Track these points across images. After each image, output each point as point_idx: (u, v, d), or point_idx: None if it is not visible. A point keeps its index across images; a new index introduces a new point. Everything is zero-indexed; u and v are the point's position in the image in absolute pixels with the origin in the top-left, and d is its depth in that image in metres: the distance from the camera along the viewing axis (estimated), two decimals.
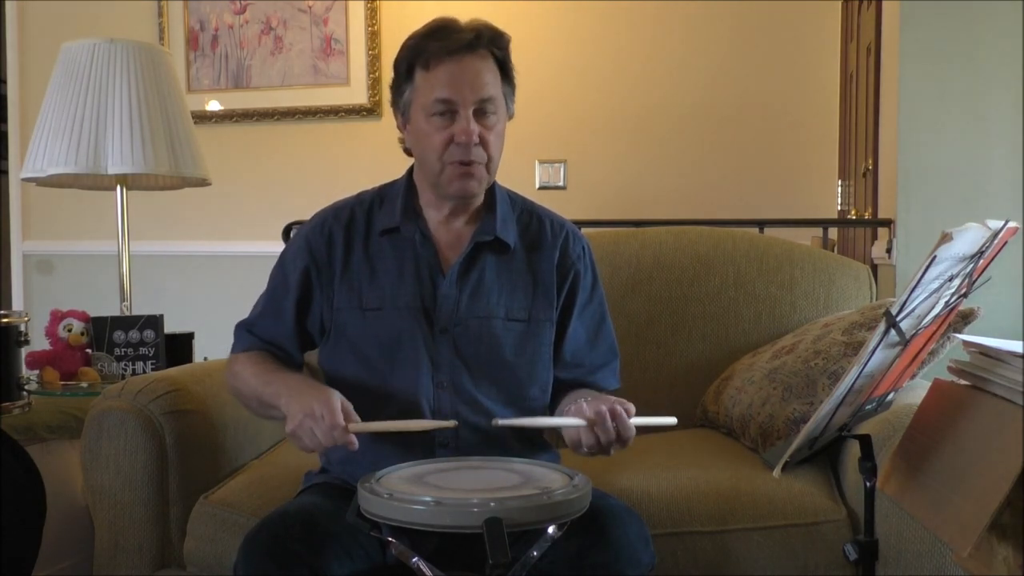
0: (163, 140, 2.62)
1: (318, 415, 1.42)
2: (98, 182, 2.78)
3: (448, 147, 1.58)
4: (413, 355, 1.61)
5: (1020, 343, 1.15)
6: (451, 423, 1.51)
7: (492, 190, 1.70)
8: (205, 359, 2.49)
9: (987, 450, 1.11)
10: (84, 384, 2.45)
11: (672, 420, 1.51)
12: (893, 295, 2.45)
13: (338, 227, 1.68)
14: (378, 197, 1.72)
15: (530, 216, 1.73)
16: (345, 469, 1.64)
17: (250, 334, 1.71)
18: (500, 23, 1.65)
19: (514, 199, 1.74)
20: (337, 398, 1.46)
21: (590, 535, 1.40)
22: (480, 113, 1.58)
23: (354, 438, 1.43)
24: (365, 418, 1.47)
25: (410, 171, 1.72)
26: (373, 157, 3.76)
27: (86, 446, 1.88)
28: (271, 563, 1.37)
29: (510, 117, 1.67)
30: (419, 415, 1.60)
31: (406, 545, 1.33)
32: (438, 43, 1.56)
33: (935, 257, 1.07)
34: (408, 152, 1.69)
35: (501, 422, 1.45)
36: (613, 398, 1.50)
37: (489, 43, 1.59)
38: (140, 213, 3.15)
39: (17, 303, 4.29)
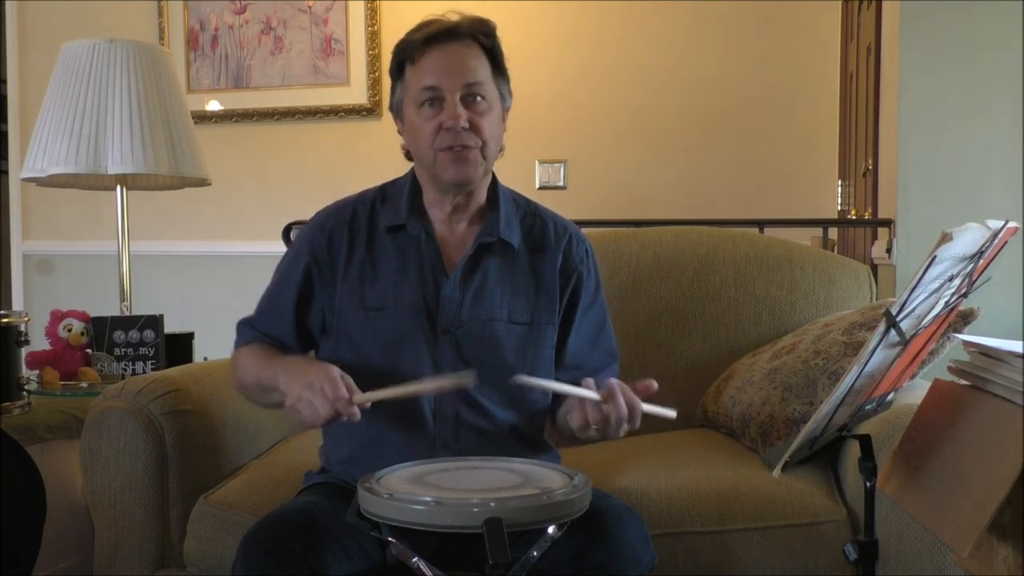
0: (163, 140, 2.62)
1: (317, 387, 1.41)
2: (98, 182, 2.77)
3: (438, 134, 1.58)
4: (415, 355, 1.61)
5: (1020, 343, 1.15)
6: (469, 380, 1.45)
7: (495, 191, 1.70)
8: (205, 359, 2.49)
9: (987, 450, 1.11)
10: (84, 384, 2.46)
11: (672, 413, 1.49)
12: (893, 295, 2.45)
13: (340, 225, 1.68)
14: (380, 195, 1.72)
15: (534, 218, 1.73)
16: (345, 469, 1.63)
17: (251, 328, 1.72)
18: (500, 23, 1.65)
19: (518, 200, 1.74)
20: (337, 371, 1.45)
21: (590, 535, 1.40)
22: (469, 99, 1.58)
23: (356, 410, 1.42)
24: (366, 420, 1.46)
25: (414, 169, 1.72)
26: (373, 157, 3.77)
27: (86, 446, 1.88)
28: (270, 563, 1.36)
29: (507, 109, 1.66)
30: (419, 415, 1.60)
31: (406, 545, 1.33)
32: (421, 35, 1.58)
33: (935, 257, 1.07)
34: (409, 157, 1.69)
35: (520, 379, 1.44)
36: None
37: (472, 29, 1.59)
38: (140, 213, 3.15)
39: (17, 303, 4.28)
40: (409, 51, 1.59)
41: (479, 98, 1.58)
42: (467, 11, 1.63)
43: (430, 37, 1.57)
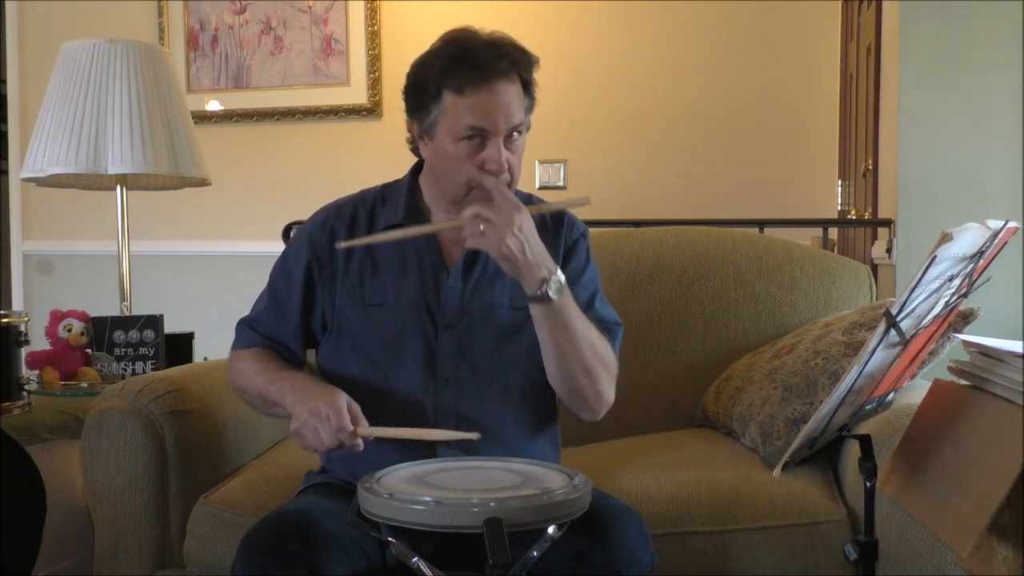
0: (163, 140, 2.62)
1: (323, 415, 1.43)
2: (98, 182, 2.78)
3: (477, 170, 1.56)
4: (415, 351, 1.62)
5: (1020, 343, 1.15)
6: (473, 435, 1.46)
7: None
8: (205, 359, 2.49)
9: (987, 450, 1.11)
10: (84, 384, 2.45)
11: (587, 200, 1.54)
12: (893, 295, 2.45)
13: (340, 224, 1.68)
14: (380, 195, 1.72)
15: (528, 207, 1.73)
16: (345, 469, 1.64)
17: (253, 331, 1.71)
18: (499, 23, 1.64)
19: (516, 194, 1.73)
20: (343, 400, 1.46)
21: (590, 535, 1.40)
22: (508, 138, 1.57)
23: (360, 441, 1.43)
24: (367, 413, 1.47)
25: (413, 171, 1.72)
26: (373, 157, 3.76)
27: (86, 446, 1.88)
28: (270, 563, 1.36)
29: (527, 129, 1.66)
30: (421, 411, 1.60)
31: (406, 545, 1.33)
32: (471, 70, 1.53)
33: (935, 257, 1.07)
34: (416, 152, 1.68)
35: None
36: None
37: (519, 67, 1.58)
38: (140, 213, 3.15)
39: (17, 303, 4.28)
40: (456, 81, 1.53)
41: (516, 134, 1.58)
42: (470, 13, 1.62)
43: (483, 77, 1.53)
